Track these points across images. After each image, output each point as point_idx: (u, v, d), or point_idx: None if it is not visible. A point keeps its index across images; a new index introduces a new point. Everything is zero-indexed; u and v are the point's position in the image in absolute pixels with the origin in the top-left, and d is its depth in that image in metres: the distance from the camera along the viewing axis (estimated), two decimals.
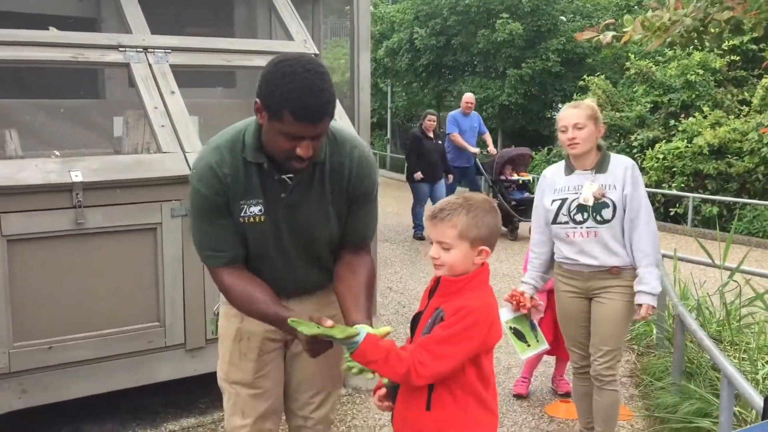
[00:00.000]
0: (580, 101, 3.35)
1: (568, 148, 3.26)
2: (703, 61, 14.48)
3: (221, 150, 2.13)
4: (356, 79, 4.76)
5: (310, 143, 2.00)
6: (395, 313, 6.14)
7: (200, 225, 2.18)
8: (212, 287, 3.71)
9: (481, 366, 2.06)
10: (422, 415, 2.06)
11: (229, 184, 2.11)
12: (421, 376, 1.94)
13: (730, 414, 3.18)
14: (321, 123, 1.98)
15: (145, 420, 3.88)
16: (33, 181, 3.28)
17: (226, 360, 2.38)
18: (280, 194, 2.15)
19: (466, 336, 1.96)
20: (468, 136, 9.90)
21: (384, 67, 21.98)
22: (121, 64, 3.98)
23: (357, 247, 2.30)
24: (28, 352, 3.34)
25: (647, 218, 3.22)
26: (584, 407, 3.51)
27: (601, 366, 3.27)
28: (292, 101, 1.93)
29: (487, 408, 2.09)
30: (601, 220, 3.21)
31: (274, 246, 2.21)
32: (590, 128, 3.22)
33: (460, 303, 2.01)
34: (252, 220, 2.15)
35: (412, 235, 9.74)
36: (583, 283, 3.30)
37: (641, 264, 3.19)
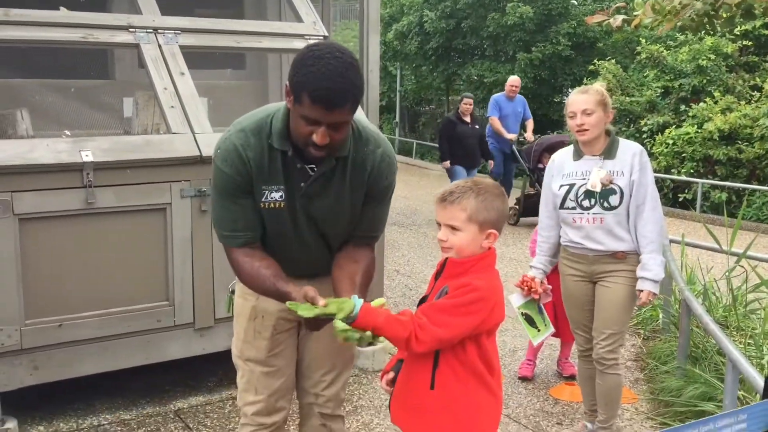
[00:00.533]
0: (589, 86, 3.34)
1: (577, 134, 3.26)
2: (715, 46, 14.35)
3: (247, 133, 2.14)
4: (365, 62, 4.75)
5: (326, 131, 1.99)
6: (402, 295, 6.17)
7: (221, 203, 2.19)
8: (221, 267, 3.76)
9: (482, 346, 2.08)
10: (426, 394, 2.08)
11: (253, 167, 2.13)
12: (421, 341, 1.95)
13: (735, 398, 3.20)
14: (337, 110, 1.96)
15: (154, 398, 3.93)
16: (44, 161, 3.31)
17: (241, 338, 2.42)
18: (300, 183, 2.17)
19: (468, 310, 1.98)
20: (510, 121, 9.50)
21: (393, 50, 21.91)
22: (131, 45, 4.00)
23: (361, 242, 2.32)
24: (39, 329, 3.39)
25: (653, 205, 3.22)
26: (588, 390, 3.54)
27: (604, 350, 3.29)
28: (311, 83, 1.93)
29: (490, 391, 2.11)
30: (608, 206, 3.22)
31: (292, 231, 2.24)
32: (599, 114, 3.21)
33: (466, 280, 2.03)
34: (272, 206, 2.18)
35: None
36: (588, 267, 3.32)
37: (645, 250, 3.20)
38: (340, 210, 2.23)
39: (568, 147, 3.45)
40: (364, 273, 2.25)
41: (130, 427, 3.60)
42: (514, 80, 9.65)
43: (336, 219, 2.25)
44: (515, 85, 9.51)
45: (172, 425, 3.64)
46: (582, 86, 3.37)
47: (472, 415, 2.08)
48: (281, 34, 4.46)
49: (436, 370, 2.07)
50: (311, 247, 2.28)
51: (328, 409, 2.51)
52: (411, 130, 26.91)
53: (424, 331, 1.95)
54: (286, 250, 2.27)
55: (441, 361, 2.06)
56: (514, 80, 9.65)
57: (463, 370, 2.07)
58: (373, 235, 2.34)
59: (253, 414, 2.42)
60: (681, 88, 14.33)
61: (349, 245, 2.30)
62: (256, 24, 4.63)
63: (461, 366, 2.06)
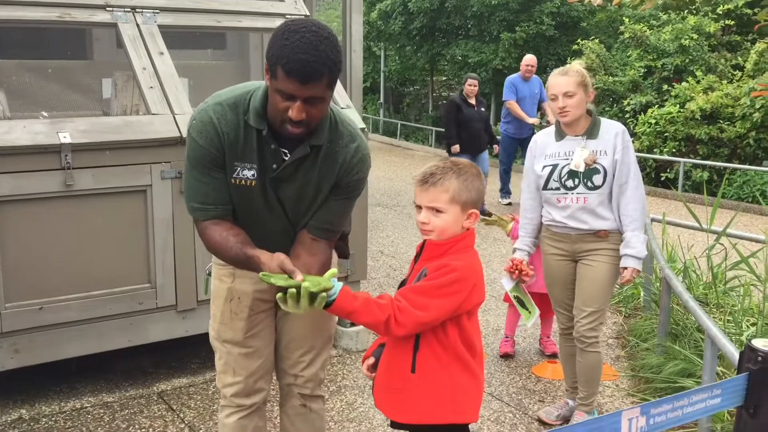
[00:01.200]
0: (569, 67, 3.32)
1: (559, 116, 3.27)
2: (698, 26, 14.40)
3: (224, 106, 2.13)
4: (348, 42, 4.72)
5: (302, 106, 1.97)
6: (386, 276, 6.18)
7: (193, 175, 2.17)
8: (203, 249, 3.71)
9: (463, 328, 2.07)
10: (407, 378, 2.08)
11: (226, 142, 2.12)
12: (400, 324, 1.94)
13: (713, 373, 3.24)
14: (311, 84, 1.94)
15: (137, 380, 3.93)
16: (21, 143, 3.27)
17: (218, 319, 2.41)
18: (272, 165, 2.15)
19: (448, 291, 1.98)
20: (527, 104, 8.82)
21: (377, 30, 21.81)
22: (108, 24, 3.94)
23: (321, 234, 2.25)
24: (19, 312, 3.36)
25: (636, 183, 3.24)
26: (570, 367, 3.57)
27: (584, 327, 3.32)
28: (285, 56, 1.92)
29: (471, 373, 2.11)
30: (592, 186, 3.23)
31: (264, 210, 2.23)
32: (580, 95, 3.21)
33: (444, 261, 2.03)
34: (243, 183, 2.17)
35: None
36: (570, 246, 3.34)
37: (628, 228, 3.22)
38: (303, 197, 2.21)
39: (549, 128, 3.46)
40: (321, 265, 2.20)
41: (113, 410, 3.59)
42: (529, 59, 8.82)
43: (298, 205, 2.23)
44: (531, 65, 8.77)
45: (156, 407, 3.64)
46: (561, 67, 3.35)
47: (454, 398, 2.09)
48: (262, 13, 4.41)
49: (416, 353, 2.06)
50: (280, 228, 2.27)
51: (307, 389, 2.51)
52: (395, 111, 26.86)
53: (404, 315, 1.94)
54: (257, 229, 2.25)
55: (422, 344, 2.06)
56: (530, 59, 8.82)
57: (444, 352, 2.06)
58: (334, 229, 2.27)
59: (231, 395, 2.42)
60: (664, 68, 14.39)
61: (308, 237, 2.24)
62: (236, 3, 4.57)
63: (442, 348, 2.06)
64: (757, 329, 4.01)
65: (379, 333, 2.08)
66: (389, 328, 1.95)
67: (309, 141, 2.12)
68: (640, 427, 1.31)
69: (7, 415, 3.50)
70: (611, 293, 3.45)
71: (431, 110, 24.52)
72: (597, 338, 3.36)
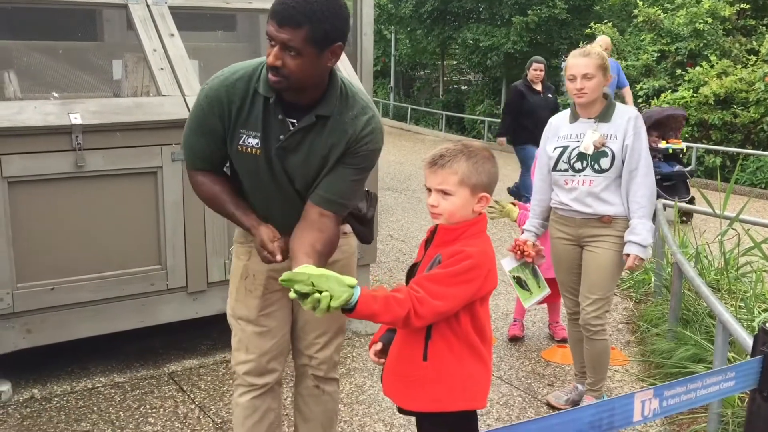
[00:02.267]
0: (590, 48, 3.30)
1: (575, 97, 3.25)
2: (712, 9, 14.21)
3: (236, 77, 2.16)
4: (359, 25, 4.68)
5: (278, 53, 1.99)
6: (396, 260, 6.18)
7: (190, 128, 2.25)
8: (213, 231, 3.75)
9: (476, 315, 2.05)
10: (418, 366, 2.06)
11: (233, 111, 2.16)
12: (420, 316, 1.90)
13: (725, 358, 3.22)
14: (286, 28, 1.96)
15: (148, 361, 3.95)
16: (32, 123, 3.27)
17: (233, 296, 2.44)
18: (278, 135, 2.15)
19: (464, 279, 1.94)
20: None
21: (388, 13, 21.66)
22: (119, 5, 3.93)
23: (329, 207, 2.19)
24: (31, 293, 3.38)
25: (646, 170, 3.20)
26: (578, 352, 3.57)
27: (589, 315, 3.29)
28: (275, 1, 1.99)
29: (482, 360, 2.09)
30: (599, 169, 3.21)
31: (269, 180, 2.23)
32: (599, 78, 3.19)
33: (458, 248, 1.99)
34: (249, 151, 2.18)
35: None
36: (575, 230, 3.33)
37: (635, 215, 3.19)
38: (310, 168, 2.19)
39: (564, 110, 3.44)
40: (326, 242, 2.16)
41: (124, 390, 3.62)
42: (602, 41, 7.39)
43: (305, 176, 2.21)
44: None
45: (166, 388, 3.66)
46: (582, 48, 3.33)
47: (465, 385, 2.07)
48: None
49: (428, 342, 2.04)
50: (288, 199, 2.26)
51: (321, 371, 2.52)
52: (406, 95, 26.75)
53: (423, 306, 1.89)
54: (265, 200, 2.27)
55: (434, 333, 2.03)
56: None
57: (456, 340, 2.04)
58: (342, 202, 2.22)
59: (244, 373, 2.43)
60: (677, 52, 14.23)
61: (315, 212, 2.18)
62: None
63: (454, 336, 2.04)
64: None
65: (398, 328, 2.05)
66: (409, 321, 1.90)
67: (315, 111, 2.13)
68: (653, 410, 1.30)
69: (19, 394, 3.53)
70: (616, 280, 3.42)
71: (442, 94, 24.40)
72: (603, 326, 3.34)
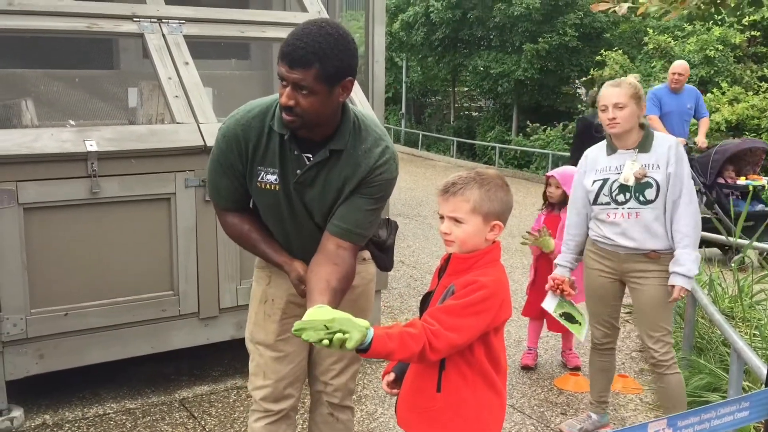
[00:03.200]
0: (622, 79, 3.26)
1: (608, 127, 3.19)
2: (723, 37, 14.27)
3: (251, 116, 2.21)
4: (371, 53, 4.74)
5: (291, 92, 2.03)
6: (407, 286, 6.17)
7: (214, 168, 2.30)
8: (226, 257, 3.77)
9: (490, 345, 2.03)
10: (432, 397, 2.04)
11: (250, 148, 2.20)
12: (435, 349, 1.87)
13: (740, 388, 3.19)
14: (298, 69, 2.00)
15: (159, 387, 3.95)
16: (49, 150, 3.32)
17: (252, 320, 2.46)
18: (295, 170, 2.19)
19: (478, 309, 1.92)
20: (674, 121, 7.15)
21: (399, 40, 21.87)
22: (135, 35, 3.99)
23: (346, 237, 2.19)
24: (44, 318, 3.40)
25: (689, 199, 3.12)
26: (598, 380, 3.52)
27: (658, 353, 3.21)
28: (285, 41, 2.03)
29: (495, 391, 2.08)
30: (644, 200, 3.14)
31: (289, 216, 2.27)
32: (632, 108, 3.14)
33: (472, 278, 1.98)
34: (267, 187, 2.23)
35: None
36: (618, 265, 3.25)
37: (679, 245, 3.10)
38: (326, 201, 2.22)
39: (601, 143, 3.36)
40: (343, 277, 2.14)
41: (135, 416, 3.62)
42: (679, 67, 7.09)
43: (322, 209, 2.24)
44: (681, 72, 7.05)
45: (177, 414, 3.65)
46: (615, 79, 3.30)
47: (479, 416, 2.05)
48: (285, 23, 4.44)
49: (442, 373, 2.02)
50: (308, 232, 2.29)
51: (336, 398, 2.51)
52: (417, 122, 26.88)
53: (438, 339, 1.87)
54: (285, 234, 2.31)
55: (447, 364, 2.01)
56: (680, 67, 7.08)
57: (470, 371, 2.02)
58: (359, 232, 2.22)
59: (260, 399, 2.43)
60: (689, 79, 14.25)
61: (332, 244, 2.18)
62: (260, 13, 4.61)
63: (468, 367, 2.02)
64: None
65: (412, 363, 2.04)
66: (425, 356, 1.87)
67: (329, 145, 2.16)
68: None
69: (31, 420, 3.53)
70: (671, 312, 3.33)
71: (453, 120, 24.50)
72: (673, 359, 3.25)
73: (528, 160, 18.32)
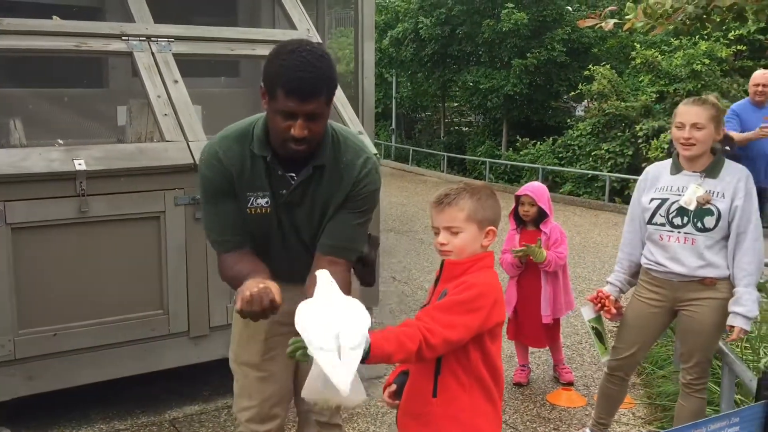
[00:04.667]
0: (705, 97, 3.10)
1: (681, 148, 3.04)
2: (710, 51, 14.42)
3: (230, 139, 2.18)
4: (360, 69, 4.76)
5: (303, 123, 2.01)
6: (398, 302, 6.16)
7: (209, 208, 2.23)
8: (216, 275, 3.72)
9: (486, 351, 2.06)
10: (428, 402, 2.07)
11: (234, 173, 2.15)
12: (431, 346, 1.89)
13: (731, 401, 3.19)
14: (310, 101, 1.98)
15: (149, 407, 3.91)
16: (37, 170, 3.30)
17: (236, 341, 2.43)
18: (281, 191, 2.18)
19: (470, 307, 1.96)
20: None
21: (389, 56, 21.96)
22: (124, 53, 4.00)
23: (339, 255, 2.20)
24: (32, 339, 3.37)
25: (755, 235, 2.98)
26: (603, 405, 3.46)
27: (692, 376, 3.15)
28: (284, 76, 1.97)
29: (492, 400, 2.09)
30: (702, 227, 3.00)
31: (278, 236, 2.26)
32: (710, 130, 2.98)
33: (463, 279, 2.03)
34: (259, 211, 2.20)
35: None
36: (672, 293, 3.13)
37: (740, 283, 2.97)
38: (314, 218, 2.22)
39: (666, 160, 3.23)
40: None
41: None
42: (760, 77, 6.11)
43: (312, 227, 2.24)
44: (765, 83, 6.02)
45: None
46: (697, 96, 3.15)
47: (475, 423, 2.07)
48: (275, 41, 4.44)
49: (438, 378, 2.05)
50: (295, 252, 2.28)
51: (324, 416, 2.50)
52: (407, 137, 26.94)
53: (434, 335, 1.89)
54: (274, 255, 2.27)
55: (443, 368, 2.04)
56: (761, 77, 6.10)
57: (465, 375, 2.05)
58: (350, 247, 2.23)
59: (246, 420, 2.41)
60: (676, 93, 14.38)
61: (325, 261, 2.16)
62: (249, 31, 4.63)
63: (463, 372, 2.05)
64: None
65: (410, 363, 2.05)
66: (422, 354, 1.90)
67: (312, 162, 2.15)
68: None
69: None
70: (717, 342, 3.20)
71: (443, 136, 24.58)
72: (705, 384, 3.18)
73: (518, 175, 18.37)
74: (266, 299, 1.93)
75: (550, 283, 4.23)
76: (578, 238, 9.34)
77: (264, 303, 1.93)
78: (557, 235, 4.24)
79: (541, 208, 4.22)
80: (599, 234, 9.73)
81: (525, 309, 4.29)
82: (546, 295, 4.22)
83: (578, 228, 10.21)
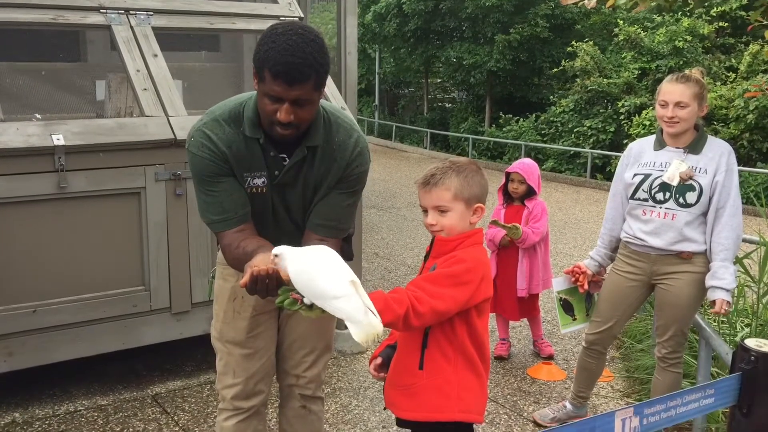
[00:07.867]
0: (689, 73, 3.07)
1: (665, 125, 3.06)
2: (692, 28, 14.46)
3: (220, 122, 2.14)
4: (343, 44, 4.71)
5: (289, 108, 1.98)
6: (381, 278, 6.18)
7: (204, 190, 2.17)
8: (197, 251, 3.74)
9: (473, 327, 2.08)
10: (414, 374, 2.09)
11: (231, 155, 2.12)
12: (419, 313, 1.90)
13: (708, 374, 3.25)
14: (298, 86, 1.95)
15: (131, 383, 3.91)
16: (14, 145, 3.26)
17: (220, 319, 2.42)
18: (274, 171, 2.18)
19: (460, 280, 1.98)
20: None
21: (372, 32, 21.84)
22: (102, 26, 3.93)
23: (328, 233, 2.22)
24: (12, 315, 3.35)
25: (733, 210, 3.00)
26: (581, 378, 3.51)
27: (667, 350, 3.17)
28: (272, 59, 1.93)
29: (477, 374, 2.12)
30: (684, 203, 3.02)
31: (270, 216, 2.25)
32: (693, 108, 2.99)
33: (452, 254, 2.05)
34: (256, 191, 2.19)
35: None
36: (649, 267, 3.15)
37: (717, 257, 2.99)
38: (306, 200, 2.22)
39: (649, 136, 3.23)
40: None
41: (107, 413, 3.58)
42: None
43: (304, 207, 2.24)
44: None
45: (150, 410, 3.63)
46: (680, 73, 3.14)
47: (460, 395, 2.09)
48: (255, 15, 4.41)
49: (425, 350, 2.08)
50: (287, 231, 2.28)
51: (308, 390, 2.51)
52: (390, 113, 26.88)
53: (422, 303, 1.91)
54: (264, 234, 2.24)
55: (430, 341, 2.07)
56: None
57: (451, 349, 2.07)
58: (340, 227, 2.25)
59: (231, 398, 2.41)
60: (658, 70, 14.44)
61: (315, 238, 2.18)
62: (229, 5, 4.57)
63: (449, 344, 2.07)
64: (752, 330, 4.02)
65: (396, 329, 2.07)
66: (408, 321, 1.90)
67: (305, 142, 2.14)
68: (634, 427, 1.31)
69: (0, 418, 3.48)
70: (693, 316, 3.22)
71: (426, 112, 24.53)
72: (680, 358, 3.22)
73: (501, 151, 18.42)
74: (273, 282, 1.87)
75: (527, 257, 4.27)
76: (560, 214, 9.40)
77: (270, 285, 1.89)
78: (538, 210, 4.27)
79: (531, 185, 4.25)
80: (581, 210, 9.80)
81: (503, 282, 4.32)
82: (522, 269, 4.26)
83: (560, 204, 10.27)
